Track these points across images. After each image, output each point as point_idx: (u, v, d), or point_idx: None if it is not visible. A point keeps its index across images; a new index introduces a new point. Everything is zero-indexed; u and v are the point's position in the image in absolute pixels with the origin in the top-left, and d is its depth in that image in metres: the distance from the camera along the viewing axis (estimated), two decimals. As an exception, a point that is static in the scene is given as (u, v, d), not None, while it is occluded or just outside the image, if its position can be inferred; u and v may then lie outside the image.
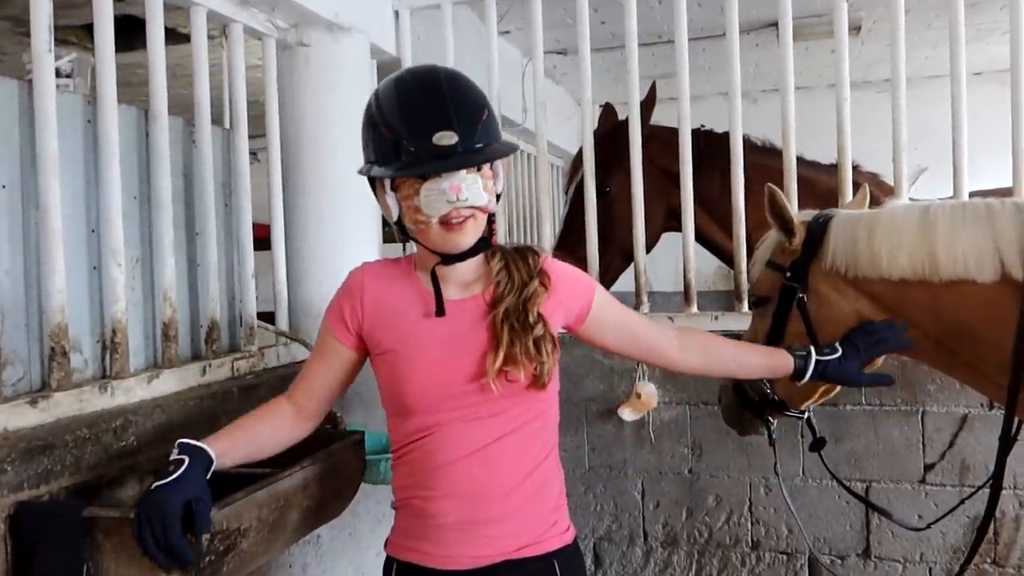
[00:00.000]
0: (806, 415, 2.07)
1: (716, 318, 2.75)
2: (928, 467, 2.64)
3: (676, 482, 2.87)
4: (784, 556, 2.79)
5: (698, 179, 2.88)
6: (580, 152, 3.05)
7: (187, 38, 2.33)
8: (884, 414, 2.67)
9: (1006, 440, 1.77)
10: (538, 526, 1.53)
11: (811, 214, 1.96)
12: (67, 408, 1.72)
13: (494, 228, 1.57)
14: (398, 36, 3.10)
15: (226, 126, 2.54)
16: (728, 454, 2.81)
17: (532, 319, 1.50)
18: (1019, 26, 2.54)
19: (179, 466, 1.37)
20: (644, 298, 2.85)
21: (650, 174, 2.97)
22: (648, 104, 3.25)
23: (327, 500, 1.82)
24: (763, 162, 3.03)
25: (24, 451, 1.54)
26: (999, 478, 1.78)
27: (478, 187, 1.43)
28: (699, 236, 3.14)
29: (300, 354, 2.53)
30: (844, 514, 2.72)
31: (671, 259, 2.85)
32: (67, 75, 2.86)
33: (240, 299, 2.46)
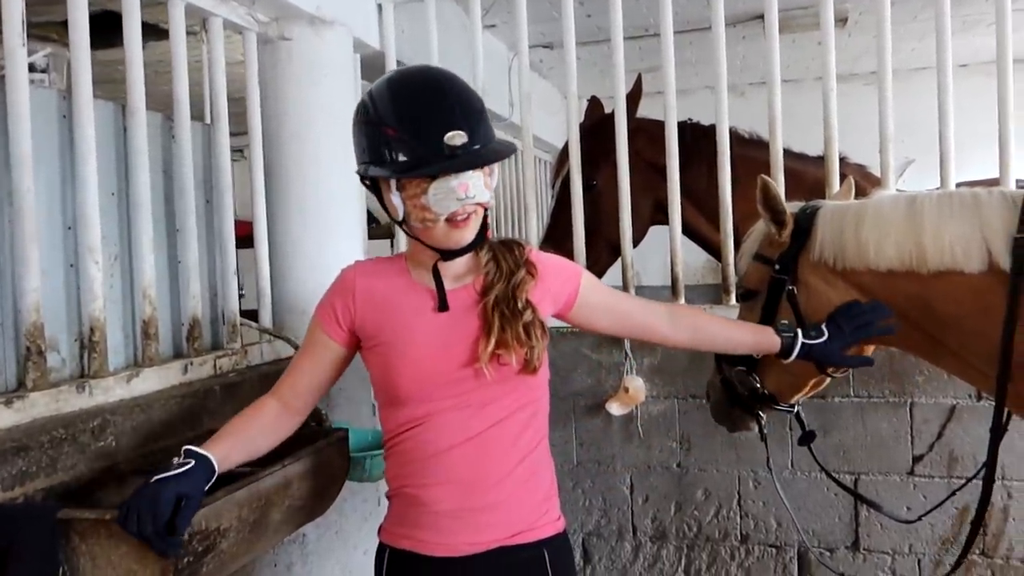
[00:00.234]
0: (795, 409, 2.07)
1: (704, 311, 2.74)
2: (916, 459, 2.64)
3: (665, 476, 2.86)
4: (773, 549, 2.78)
5: (685, 172, 2.86)
6: (566, 146, 3.03)
7: (167, 34, 2.30)
8: (872, 406, 2.66)
9: (997, 431, 1.76)
10: (531, 514, 1.57)
11: (798, 206, 1.95)
12: (43, 408, 1.69)
13: (488, 223, 1.60)
14: (381, 30, 3.07)
15: (207, 122, 2.50)
16: (717, 448, 2.80)
17: (521, 305, 1.55)
18: (1004, 17, 2.54)
19: (183, 466, 1.42)
20: (632, 292, 2.83)
21: (637, 167, 2.95)
22: (634, 97, 3.23)
23: (310, 499, 1.80)
24: (750, 154, 3.02)
25: (-2, 452, 1.51)
26: (991, 469, 1.77)
27: (481, 184, 1.47)
28: (686, 229, 3.12)
29: (284, 351, 2.51)
30: (833, 506, 2.72)
31: (659, 253, 2.83)
32: (42, 70, 2.82)
33: (222, 296, 2.43)
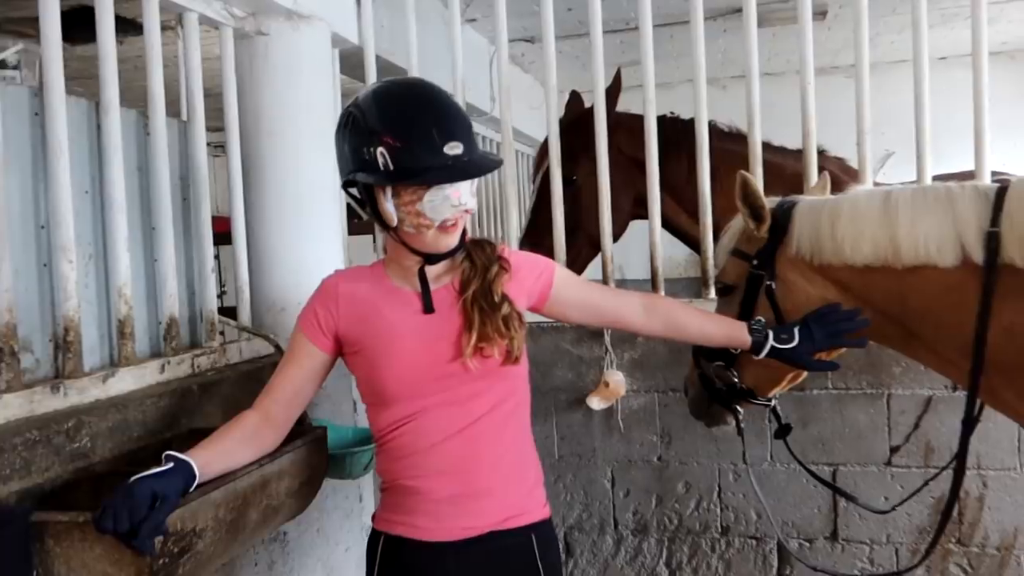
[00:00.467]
0: (773, 403, 2.08)
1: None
2: (894, 449, 2.66)
3: (645, 470, 2.87)
4: (754, 541, 2.80)
5: (665, 166, 2.86)
6: (547, 141, 3.03)
7: (144, 28, 2.27)
8: (850, 398, 2.69)
9: (968, 423, 1.78)
10: (520, 500, 1.65)
11: (775, 201, 1.96)
12: (17, 410, 1.67)
13: (466, 227, 1.67)
14: (360, 24, 3.04)
15: (184, 118, 2.48)
16: (697, 441, 2.81)
17: (498, 299, 1.62)
18: (979, 10, 2.55)
19: (162, 467, 1.44)
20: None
21: (617, 162, 2.96)
22: (614, 92, 3.23)
23: (289, 497, 1.79)
24: (730, 148, 3.03)
25: (-29, 455, 1.50)
26: (962, 460, 1.79)
27: (469, 192, 1.56)
28: (667, 223, 3.13)
29: (263, 349, 2.49)
30: (812, 498, 2.74)
31: (642, 246, 2.84)
32: (13, 67, 2.78)
33: (200, 294, 2.41)
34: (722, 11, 4.72)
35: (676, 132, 3.13)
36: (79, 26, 2.52)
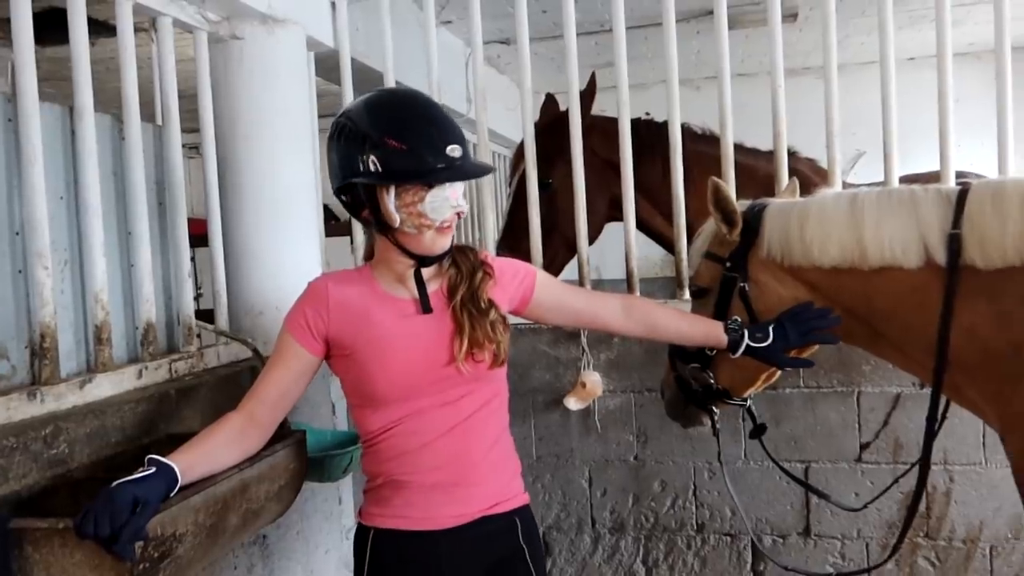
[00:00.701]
0: (748, 403, 2.12)
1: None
2: (864, 446, 2.72)
3: (622, 469, 2.91)
4: (728, 538, 2.85)
5: (639, 168, 2.89)
6: (522, 144, 3.05)
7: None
8: (822, 396, 2.74)
9: (932, 421, 1.83)
10: (504, 488, 1.74)
11: (746, 204, 1.99)
12: (-7, 417, 1.68)
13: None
14: (335, 28, 3.05)
15: (159, 123, 2.48)
16: (672, 440, 2.85)
17: (485, 304, 1.69)
18: (944, 13, 2.61)
19: (143, 472, 1.44)
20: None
21: (592, 165, 2.99)
22: (588, 94, 3.26)
23: (269, 501, 1.80)
24: (703, 150, 3.07)
25: (-53, 464, 1.50)
26: (927, 457, 1.84)
27: (463, 193, 1.62)
28: (642, 225, 3.16)
29: (241, 354, 2.50)
30: (785, 494, 2.79)
31: (619, 247, 2.87)
32: (-16, 72, 2.75)
33: (177, 299, 2.41)
34: (695, 13, 4.75)
35: (650, 135, 3.17)
36: (50, 27, 2.50)
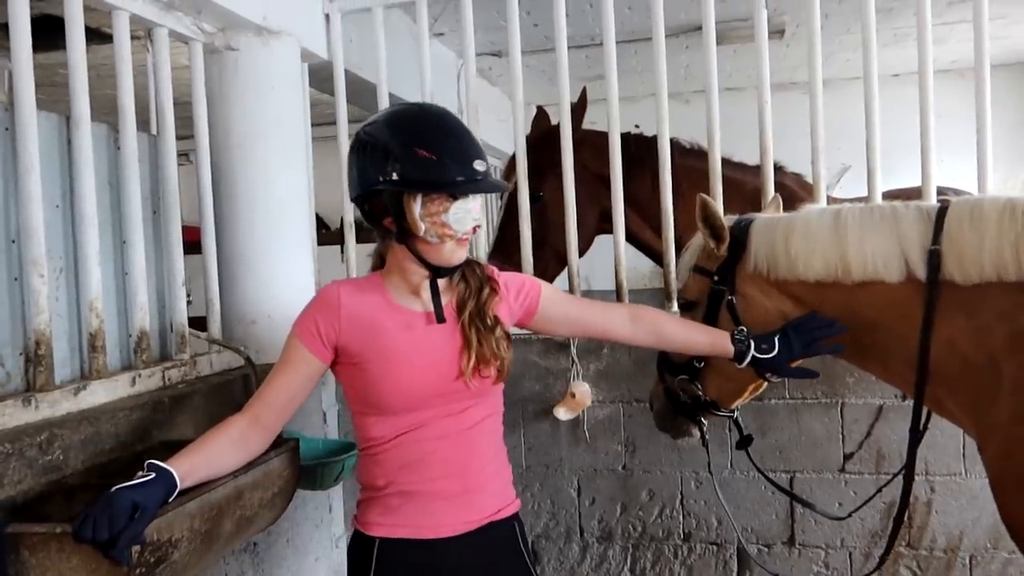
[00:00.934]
0: (735, 414, 2.16)
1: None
2: (847, 456, 2.76)
3: (610, 478, 2.94)
4: (715, 547, 2.88)
5: (629, 182, 2.93)
6: (514, 157, 3.09)
7: (112, 39, 2.29)
8: (806, 407, 2.78)
9: (915, 432, 1.87)
10: (503, 495, 1.79)
11: (732, 219, 2.04)
12: (-11, 424, 1.69)
13: None
14: (329, 39, 3.08)
15: (153, 132, 2.50)
16: (660, 450, 2.88)
17: (491, 321, 1.72)
18: (925, 31, 2.67)
19: (143, 477, 1.45)
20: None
21: (582, 179, 3.02)
22: (579, 108, 3.30)
23: (262, 508, 1.82)
24: (691, 164, 3.11)
25: (-56, 470, 1.51)
26: (911, 468, 1.88)
27: (481, 207, 1.67)
28: (632, 238, 3.20)
29: (234, 362, 2.51)
30: (770, 504, 2.83)
31: (608, 258, 2.91)
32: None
33: (170, 307, 2.42)
34: (684, 28, 4.81)
35: (640, 149, 3.21)
36: (43, 34, 2.52)
